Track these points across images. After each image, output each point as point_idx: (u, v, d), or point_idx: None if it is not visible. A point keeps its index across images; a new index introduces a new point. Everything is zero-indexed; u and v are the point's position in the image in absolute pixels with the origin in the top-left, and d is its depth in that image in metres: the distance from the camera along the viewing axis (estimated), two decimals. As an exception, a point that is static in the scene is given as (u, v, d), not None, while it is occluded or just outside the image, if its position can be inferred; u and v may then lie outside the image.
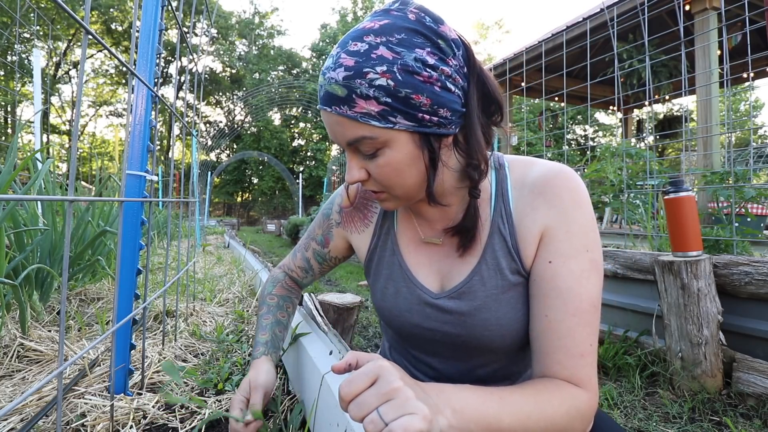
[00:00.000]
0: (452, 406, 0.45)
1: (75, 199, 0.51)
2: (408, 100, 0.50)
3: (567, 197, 0.58)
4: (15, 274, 1.41)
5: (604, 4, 4.37)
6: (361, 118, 0.51)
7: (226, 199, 25.52)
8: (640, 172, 3.17)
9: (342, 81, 0.51)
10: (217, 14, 22.46)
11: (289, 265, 0.93)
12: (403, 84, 0.50)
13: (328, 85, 0.52)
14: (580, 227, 0.58)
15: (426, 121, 0.52)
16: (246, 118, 22.96)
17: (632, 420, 1.43)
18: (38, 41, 14.54)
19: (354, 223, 0.79)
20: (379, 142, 0.53)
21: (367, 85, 0.50)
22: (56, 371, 0.52)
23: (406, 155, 0.54)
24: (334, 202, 0.83)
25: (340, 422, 0.74)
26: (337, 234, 0.82)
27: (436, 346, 0.69)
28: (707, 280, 1.58)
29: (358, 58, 0.50)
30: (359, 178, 0.58)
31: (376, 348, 2.20)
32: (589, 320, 0.56)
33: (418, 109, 0.51)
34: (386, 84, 0.50)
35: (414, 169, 0.56)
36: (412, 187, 0.58)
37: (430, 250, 0.69)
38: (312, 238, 0.86)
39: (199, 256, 4.05)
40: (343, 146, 0.56)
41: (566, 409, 0.51)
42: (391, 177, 0.56)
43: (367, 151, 0.55)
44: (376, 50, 0.50)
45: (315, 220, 0.87)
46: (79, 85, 0.57)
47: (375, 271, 0.74)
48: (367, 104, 0.50)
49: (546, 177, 0.60)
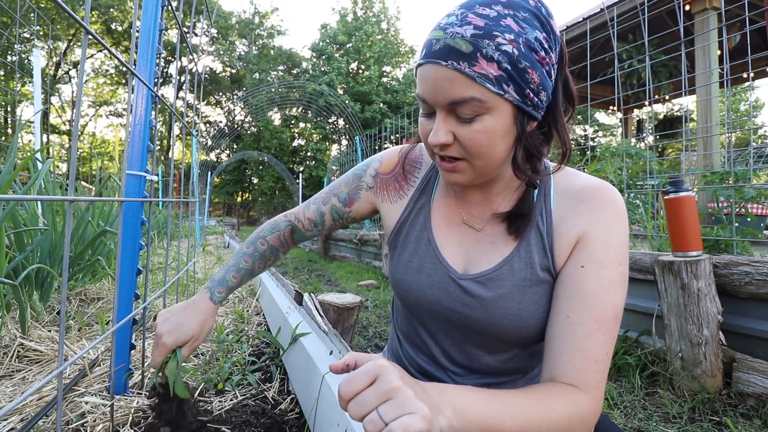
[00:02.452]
0: (454, 407, 0.45)
1: (75, 199, 0.51)
2: (524, 73, 0.52)
3: (610, 209, 0.61)
4: (15, 274, 1.41)
5: (604, 4, 4.37)
6: (479, 78, 0.51)
7: (226, 199, 25.50)
8: (640, 172, 3.17)
9: (469, 37, 0.51)
10: (217, 14, 22.46)
11: (298, 215, 0.88)
12: (525, 57, 0.52)
13: (450, 38, 0.52)
14: (617, 240, 0.60)
15: (529, 99, 0.54)
16: (246, 118, 22.96)
17: (632, 420, 1.42)
18: (38, 41, 14.54)
19: (388, 191, 0.78)
20: (484, 106, 0.53)
21: (494, 47, 0.51)
22: (56, 371, 0.52)
23: (502, 126, 0.55)
24: (369, 165, 0.81)
25: (341, 422, 0.74)
26: (365, 197, 0.80)
27: (449, 328, 0.69)
28: (707, 280, 1.58)
29: (488, 21, 0.51)
30: (445, 141, 0.56)
31: (376, 348, 2.20)
32: (610, 329, 0.57)
33: (528, 85, 0.53)
34: (511, 51, 0.51)
35: (504, 143, 0.56)
36: (496, 160, 0.58)
37: (462, 232, 0.69)
38: (334, 194, 0.83)
39: (199, 256, 4.04)
40: (442, 104, 0.55)
41: (568, 413, 0.51)
42: (481, 145, 0.55)
43: (467, 115, 0.54)
44: (504, 19, 0.52)
45: (341, 178, 0.84)
46: (79, 85, 0.57)
47: (402, 243, 0.74)
48: (489, 66, 0.51)
49: (592, 187, 0.63)
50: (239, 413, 1.03)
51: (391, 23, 24.70)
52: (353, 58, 22.90)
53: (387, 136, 7.90)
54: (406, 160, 0.78)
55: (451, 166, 0.59)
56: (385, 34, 24.15)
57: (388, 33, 24.40)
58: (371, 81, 21.56)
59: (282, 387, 1.22)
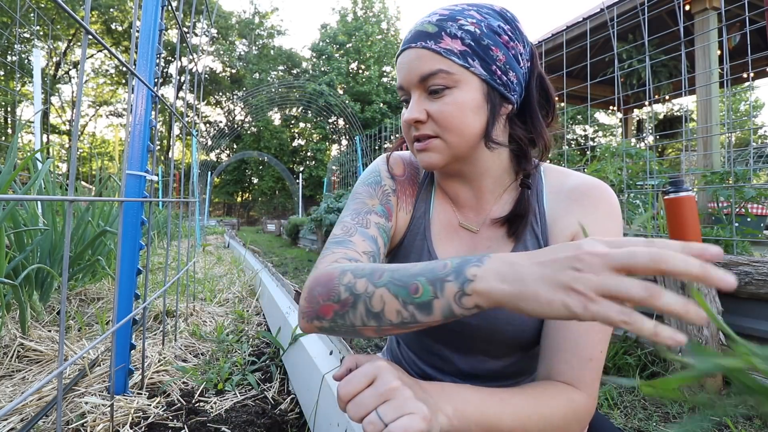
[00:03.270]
0: (453, 405, 0.45)
1: (75, 199, 0.51)
2: (488, 49, 0.58)
3: (603, 208, 0.61)
4: (15, 274, 1.41)
5: (604, 4, 4.37)
6: (444, 52, 0.57)
7: (226, 199, 25.51)
8: (640, 172, 3.17)
9: (435, 21, 0.59)
10: (217, 14, 22.46)
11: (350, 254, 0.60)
12: (487, 36, 0.58)
13: (420, 26, 0.59)
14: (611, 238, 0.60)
15: (497, 76, 0.58)
16: (246, 118, 22.96)
17: (632, 420, 1.42)
18: (38, 41, 14.55)
19: (405, 196, 0.71)
20: (452, 79, 0.57)
21: (456, 27, 0.58)
22: (56, 371, 0.52)
23: (472, 100, 0.58)
24: (379, 170, 0.71)
25: (340, 422, 0.74)
26: (395, 204, 0.68)
27: (451, 336, 0.69)
28: (707, 280, 1.58)
29: (452, 11, 0.59)
30: (419, 118, 0.59)
31: (376, 348, 2.20)
32: (604, 328, 0.57)
33: (494, 62, 0.58)
34: (473, 30, 0.58)
35: (475, 117, 0.59)
36: (469, 135, 0.59)
37: (460, 238, 0.69)
38: (368, 212, 0.66)
39: (199, 256, 4.05)
40: (414, 83, 0.59)
41: (564, 411, 0.52)
42: (453, 118, 0.58)
43: (438, 88, 0.58)
44: (468, 11, 0.59)
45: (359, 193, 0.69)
46: (79, 85, 0.57)
47: (402, 253, 0.71)
48: (453, 42, 0.57)
49: (585, 186, 0.63)
50: (239, 413, 1.03)
51: (391, 23, 24.71)
52: (353, 58, 22.91)
53: (387, 136, 7.89)
54: (408, 164, 0.74)
55: (424, 145, 0.61)
56: (385, 34, 24.16)
57: (388, 33, 24.41)
58: (371, 81, 21.58)
59: (282, 387, 1.22)
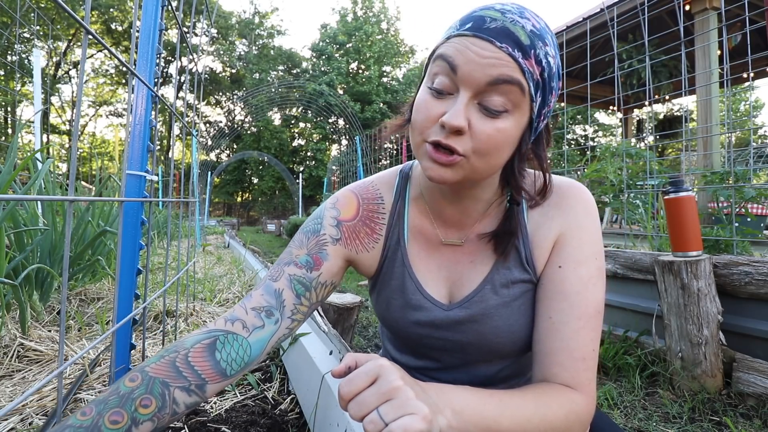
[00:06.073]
0: (452, 407, 0.45)
1: (75, 199, 0.51)
2: (550, 93, 0.54)
3: (580, 208, 0.62)
4: (15, 274, 1.41)
5: (604, 4, 4.37)
6: (527, 73, 0.50)
7: (226, 199, 25.51)
8: (640, 172, 3.17)
9: (528, 32, 0.50)
10: (217, 14, 22.44)
11: (237, 313, 0.59)
12: (554, 78, 0.53)
13: (510, 24, 0.49)
14: (590, 236, 0.61)
15: (540, 120, 0.55)
16: (246, 118, 22.96)
17: (632, 420, 1.43)
18: (38, 41, 14.54)
19: (360, 239, 0.68)
20: (515, 103, 0.51)
21: (544, 52, 0.51)
22: (56, 371, 0.52)
23: (516, 133, 0.53)
24: (322, 217, 0.68)
25: (340, 422, 0.74)
26: (333, 253, 0.65)
27: (442, 353, 0.69)
28: (707, 280, 1.58)
29: (541, 27, 0.52)
30: (459, 126, 0.49)
31: (376, 348, 2.20)
32: (593, 325, 0.57)
33: (546, 103, 0.54)
34: (551, 65, 0.52)
35: (509, 150, 0.55)
36: (496, 167, 0.56)
37: (441, 256, 0.67)
38: (286, 263, 0.64)
39: (199, 256, 4.05)
40: (476, 84, 0.50)
41: (565, 413, 0.52)
42: (496, 146, 0.52)
43: (496, 107, 0.50)
44: (549, 36, 0.53)
45: (293, 240, 0.68)
46: (79, 85, 0.57)
47: (382, 281, 0.70)
48: (536, 67, 0.51)
49: (560, 189, 0.63)
50: (239, 413, 1.03)
51: (391, 23, 24.71)
52: (353, 58, 22.90)
53: (387, 136, 7.88)
54: (364, 200, 0.69)
55: (449, 159, 0.52)
56: (385, 34, 24.15)
57: (388, 33, 24.41)
58: (371, 81, 21.57)
59: (282, 387, 1.22)
